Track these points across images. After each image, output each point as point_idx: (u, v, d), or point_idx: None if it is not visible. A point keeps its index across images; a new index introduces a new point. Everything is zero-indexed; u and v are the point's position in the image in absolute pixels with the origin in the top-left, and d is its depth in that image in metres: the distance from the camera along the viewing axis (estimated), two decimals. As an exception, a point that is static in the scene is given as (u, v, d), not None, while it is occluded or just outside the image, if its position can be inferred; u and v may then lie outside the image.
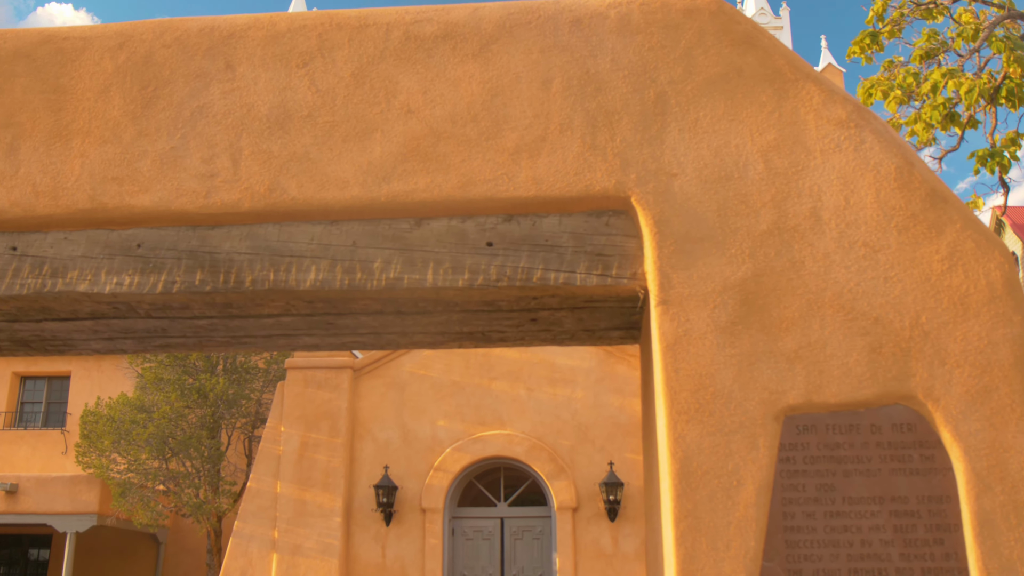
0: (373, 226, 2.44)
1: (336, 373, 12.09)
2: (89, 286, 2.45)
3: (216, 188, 2.49)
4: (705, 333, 2.28)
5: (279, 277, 2.43)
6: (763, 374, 2.24)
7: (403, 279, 2.39)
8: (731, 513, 2.15)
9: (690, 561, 2.12)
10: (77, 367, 17.38)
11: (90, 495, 14.11)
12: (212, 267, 2.45)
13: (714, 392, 2.23)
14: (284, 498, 11.85)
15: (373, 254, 2.42)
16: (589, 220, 2.42)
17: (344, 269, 2.41)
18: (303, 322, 2.66)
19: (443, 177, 2.44)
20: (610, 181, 2.41)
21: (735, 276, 2.31)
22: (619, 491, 11.27)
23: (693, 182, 2.40)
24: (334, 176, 2.46)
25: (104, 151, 2.54)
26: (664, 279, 2.32)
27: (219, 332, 2.75)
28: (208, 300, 2.47)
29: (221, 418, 13.73)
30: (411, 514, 11.86)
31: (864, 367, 2.23)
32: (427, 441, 12.01)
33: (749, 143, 2.42)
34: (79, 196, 2.51)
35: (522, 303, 2.48)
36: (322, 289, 2.40)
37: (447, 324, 2.66)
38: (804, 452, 2.19)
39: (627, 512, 11.45)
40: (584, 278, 2.38)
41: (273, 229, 2.47)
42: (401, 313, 2.57)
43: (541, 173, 2.43)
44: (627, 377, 11.88)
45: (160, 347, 2.92)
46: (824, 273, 2.30)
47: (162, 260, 2.47)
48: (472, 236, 2.42)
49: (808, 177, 2.39)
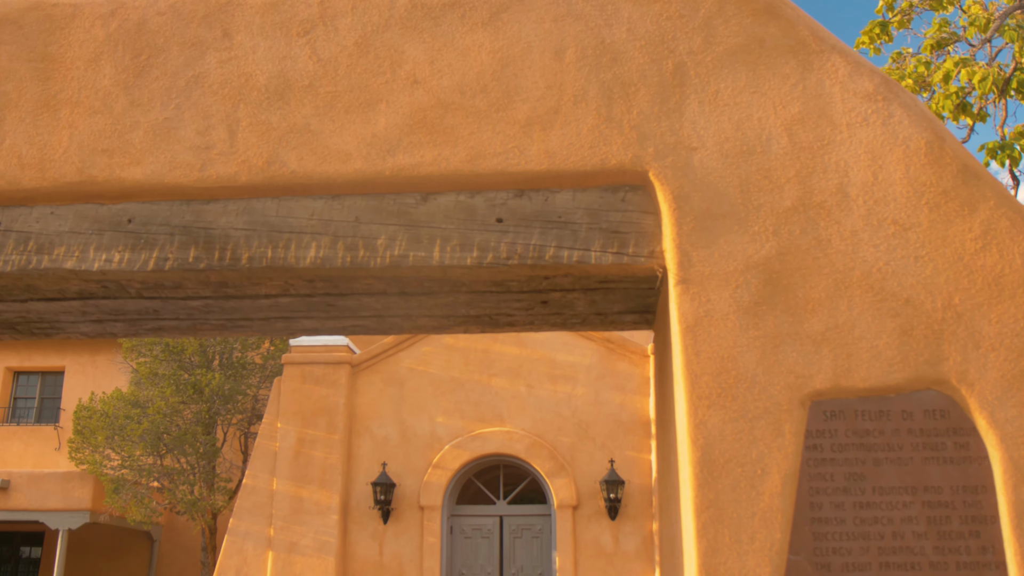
0: (377, 201, 2.32)
1: (334, 368, 11.96)
2: (76, 263, 2.33)
3: (212, 161, 2.37)
4: (727, 314, 2.16)
5: (277, 254, 2.30)
6: (788, 357, 2.12)
7: (408, 256, 2.27)
8: (755, 503, 2.03)
9: (712, 554, 2.00)
10: (71, 362, 17.23)
11: (83, 492, 13.96)
12: (207, 243, 2.33)
13: (737, 376, 2.12)
14: (280, 495, 11.72)
15: (377, 230, 2.30)
16: (604, 196, 2.30)
17: (346, 246, 2.29)
18: (302, 303, 2.53)
19: (451, 150, 2.32)
20: (626, 155, 2.29)
21: (758, 254, 2.20)
22: (620, 489, 11.16)
23: (714, 156, 2.28)
24: (336, 149, 2.34)
25: (94, 122, 2.42)
26: (684, 257, 2.21)
27: (214, 314, 2.62)
28: (202, 278, 2.35)
29: (217, 414, 13.59)
30: (409, 512, 11.74)
31: (894, 350, 2.11)
32: (426, 438, 11.88)
33: (772, 116, 2.31)
34: (67, 169, 2.39)
35: (533, 283, 2.36)
36: (323, 267, 2.28)
37: (453, 306, 2.54)
38: (832, 439, 2.08)
39: (628, 510, 11.34)
40: (599, 256, 2.26)
41: (271, 204, 2.35)
42: (405, 294, 2.45)
43: (554, 146, 2.31)
44: (628, 374, 11.77)
45: (152, 330, 2.80)
46: (852, 252, 2.19)
47: (154, 236, 2.34)
48: (481, 212, 2.30)
49: (834, 152, 2.27)
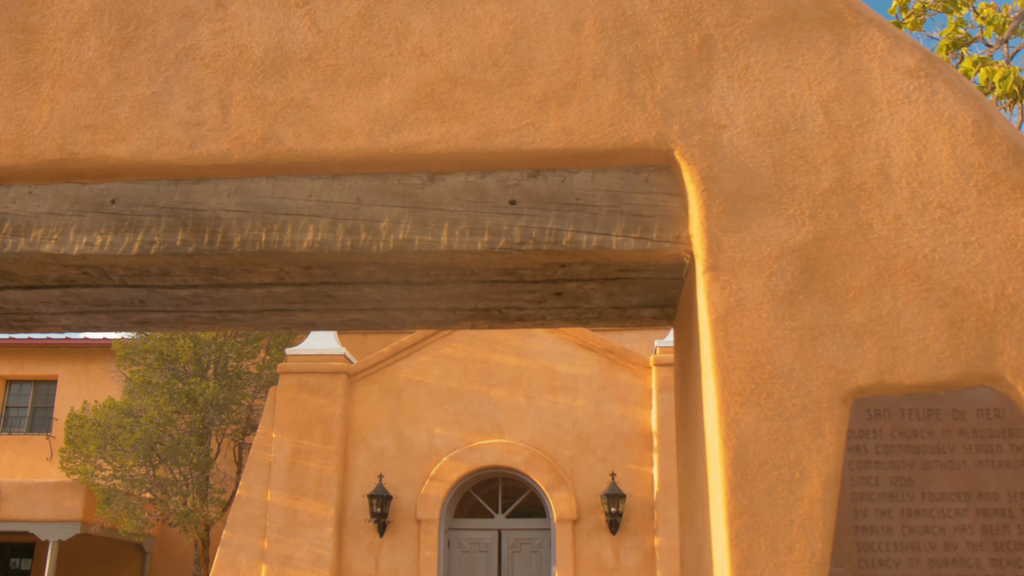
0: (380, 181, 2.15)
1: (330, 378, 11.76)
2: (55, 246, 2.15)
3: (202, 137, 2.19)
4: (761, 303, 1.99)
5: (272, 237, 2.13)
6: (828, 350, 1.95)
7: (414, 241, 2.10)
8: (794, 510, 1.85)
9: (747, 566, 1.82)
10: (64, 371, 16.99)
11: (74, 502, 13.69)
12: (196, 226, 2.15)
13: (772, 371, 1.94)
14: (275, 507, 11.49)
15: (380, 212, 2.13)
16: (626, 176, 2.14)
17: (346, 229, 2.12)
18: (298, 293, 2.36)
19: (460, 127, 2.15)
20: (650, 133, 2.13)
21: (794, 239, 2.03)
22: (621, 503, 10.94)
23: (744, 135, 2.11)
24: (336, 125, 2.18)
25: (77, 96, 2.25)
26: (713, 242, 2.04)
27: (203, 305, 2.45)
28: (191, 264, 2.17)
29: (211, 424, 13.35)
30: (406, 525, 11.51)
31: (943, 344, 1.94)
32: (423, 449, 11.67)
33: (807, 92, 2.14)
34: (47, 145, 2.22)
35: (548, 271, 2.19)
36: (321, 251, 2.11)
37: (461, 297, 2.37)
38: (876, 440, 1.90)
39: (629, 525, 11.12)
40: (620, 241, 2.09)
41: (266, 184, 2.18)
42: (409, 283, 2.28)
43: (572, 123, 2.14)
44: (630, 385, 11.58)
45: (137, 323, 2.61)
46: (895, 237, 2.02)
47: (139, 218, 2.17)
48: (493, 193, 2.13)
49: (874, 131, 2.10)
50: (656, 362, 11.50)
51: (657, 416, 11.33)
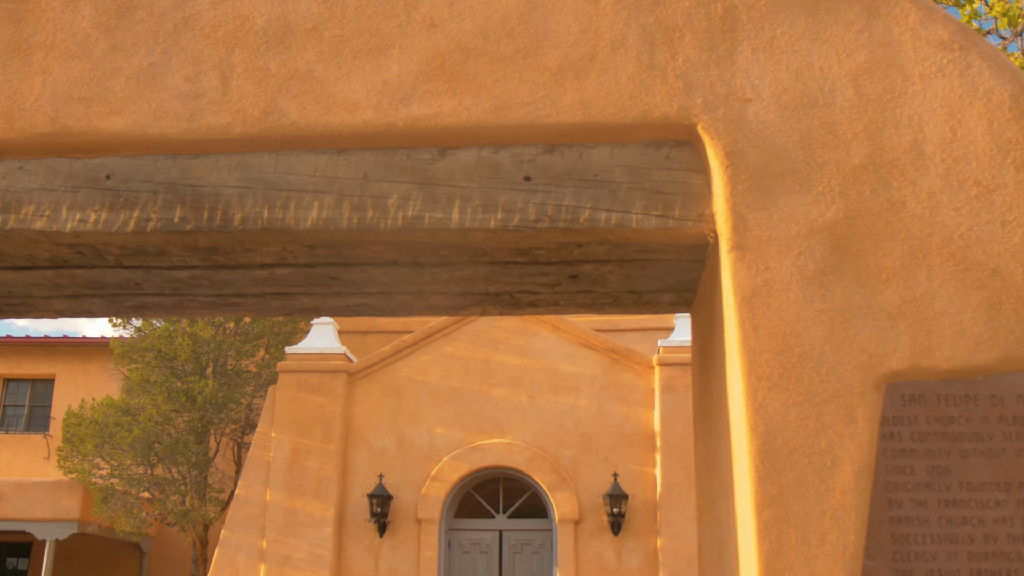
0: (388, 156, 2.06)
1: (330, 377, 11.65)
2: (47, 223, 2.06)
3: (202, 110, 2.10)
4: (789, 284, 1.89)
5: (275, 215, 2.03)
6: (860, 333, 1.85)
7: (423, 218, 2.00)
8: (825, 500, 1.75)
9: (776, 558, 1.72)
10: (62, 369, 16.87)
11: (71, 501, 13.56)
12: (195, 202, 2.05)
13: (801, 354, 1.84)
14: (274, 506, 11.38)
15: (388, 188, 2.03)
16: (646, 152, 2.04)
17: (353, 206, 2.02)
18: (301, 276, 2.26)
19: (472, 100, 2.06)
20: (671, 106, 2.03)
21: (823, 217, 1.93)
22: (623, 504, 10.84)
23: (771, 109, 2.02)
24: (342, 98, 2.08)
25: (70, 68, 2.15)
26: (738, 220, 1.94)
27: (202, 288, 2.35)
28: (189, 242, 2.07)
29: (210, 423, 13.23)
30: (406, 525, 11.40)
31: (981, 326, 1.84)
32: (424, 449, 11.57)
33: (835, 65, 2.05)
34: (39, 119, 2.12)
35: (563, 252, 2.09)
36: (326, 229, 2.01)
37: (471, 280, 2.27)
38: (911, 427, 1.80)
39: (632, 526, 11.01)
40: (641, 219, 1.99)
41: (268, 159, 2.08)
42: (418, 265, 2.18)
43: (589, 96, 2.04)
44: (633, 385, 11.48)
45: (134, 308, 2.51)
46: (929, 216, 1.92)
47: (135, 194, 2.07)
48: (507, 169, 2.03)
49: (906, 105, 2.01)
50: (659, 362, 11.40)
51: (660, 416, 11.23)
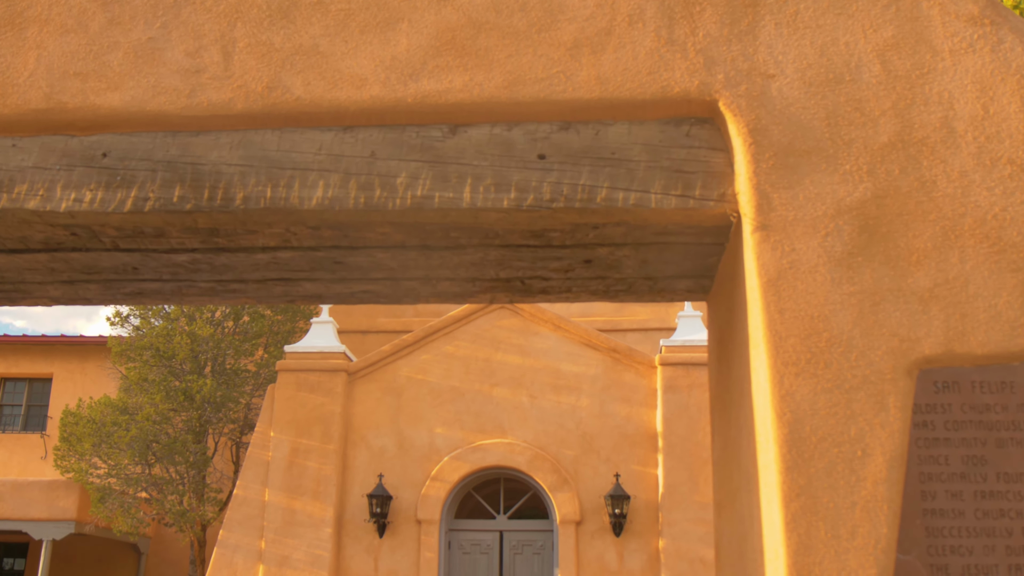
0: (397, 133, 1.98)
1: (330, 376, 11.57)
2: (41, 203, 1.97)
3: (203, 86, 2.02)
4: (816, 266, 1.81)
5: (278, 194, 1.95)
6: (891, 317, 1.77)
7: (433, 197, 1.92)
8: (856, 491, 1.67)
9: (805, 552, 1.64)
10: (59, 368, 16.76)
11: (68, 501, 13.46)
12: (195, 181, 1.97)
13: (829, 339, 1.76)
14: (272, 507, 11.29)
15: (396, 167, 1.95)
16: (665, 129, 1.96)
17: (359, 185, 1.94)
18: (305, 260, 2.18)
19: (484, 75, 1.98)
20: (692, 82, 1.95)
21: (851, 197, 1.85)
22: (625, 504, 10.75)
23: (795, 85, 1.94)
24: (349, 73, 2.00)
25: (66, 42, 2.07)
26: (762, 200, 1.86)
27: (202, 273, 2.26)
28: (189, 223, 1.99)
29: (208, 422, 13.13)
30: (406, 525, 11.31)
31: (1017, 310, 1.76)
32: (424, 449, 11.48)
33: (862, 40, 1.97)
34: (33, 94, 2.04)
35: (578, 234, 2.01)
36: (331, 209, 1.93)
37: (481, 265, 2.19)
38: (945, 415, 1.72)
39: (633, 527, 10.92)
40: (660, 199, 1.91)
41: (272, 136, 2.00)
42: (427, 248, 2.10)
43: (606, 72, 1.96)
44: (635, 385, 11.39)
45: (131, 295, 2.43)
46: (961, 196, 1.84)
47: (133, 172, 1.99)
48: (520, 147, 1.95)
49: (936, 82, 1.93)
50: (661, 361, 11.32)
51: (662, 417, 11.15)
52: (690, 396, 10.98)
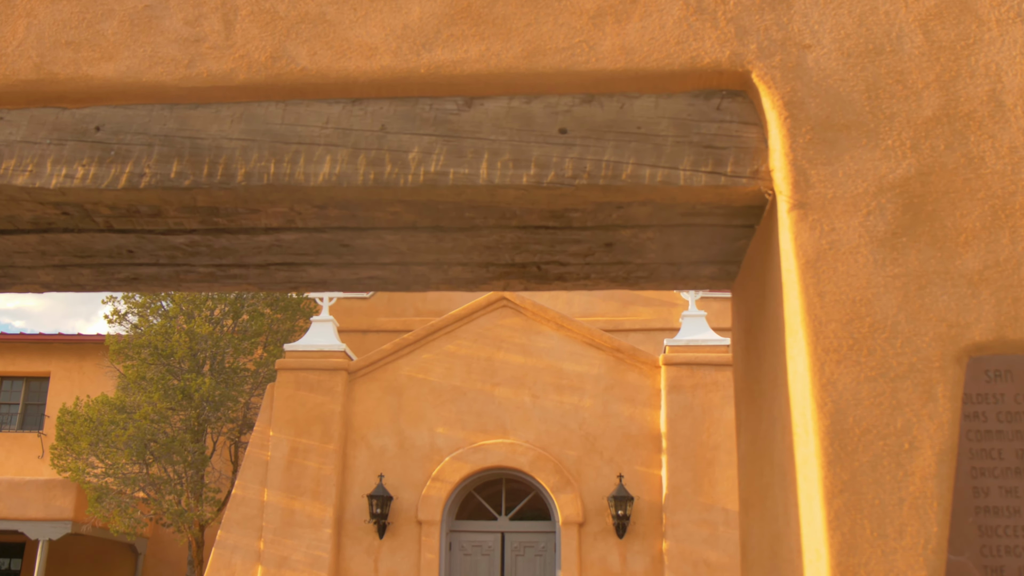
0: (409, 106, 1.86)
1: (330, 375, 11.44)
2: (30, 178, 1.86)
3: (202, 56, 1.90)
4: (857, 246, 1.69)
5: (282, 170, 1.83)
6: (938, 301, 1.65)
7: (448, 174, 1.80)
8: (903, 487, 1.55)
9: (849, 552, 1.52)
10: (57, 367, 16.63)
11: (65, 500, 13.32)
12: (193, 156, 1.85)
13: (873, 324, 1.64)
14: (271, 507, 11.16)
15: (408, 141, 1.83)
16: (695, 103, 1.84)
17: (369, 160, 1.82)
18: (310, 242, 2.06)
19: (502, 45, 1.86)
20: (723, 53, 1.83)
21: (894, 174, 1.73)
22: (629, 506, 10.63)
23: (833, 56, 1.82)
24: (358, 42, 1.88)
25: (57, 9, 1.96)
26: (800, 176, 1.74)
27: (201, 257, 2.15)
28: (187, 201, 1.87)
29: (207, 421, 12.99)
30: (406, 526, 11.18)
31: (1074, 295, 1.65)
32: (425, 449, 11.35)
33: (903, 9, 1.85)
34: (22, 64, 1.92)
35: (601, 215, 1.90)
36: (339, 186, 1.81)
37: (496, 249, 2.07)
38: (998, 406, 1.61)
39: (637, 528, 10.80)
40: (689, 176, 1.79)
41: (276, 109, 1.88)
42: (439, 229, 1.98)
43: (632, 41, 1.85)
44: (638, 385, 11.27)
45: (126, 281, 2.31)
46: (1012, 172, 1.73)
47: (127, 147, 1.87)
48: (540, 120, 1.83)
49: (982, 52, 1.81)
50: (665, 361, 11.20)
51: (666, 417, 11.03)
52: (694, 396, 10.87)
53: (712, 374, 10.78)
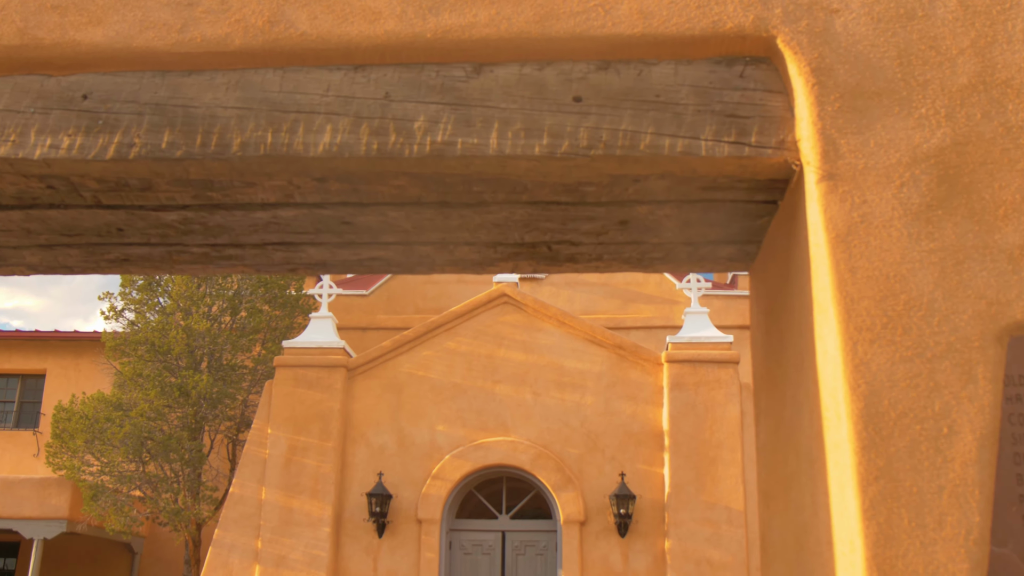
0: (414, 73, 1.76)
1: (329, 372, 11.34)
2: (12, 149, 1.76)
3: (196, 20, 1.80)
4: (891, 220, 1.59)
5: (280, 140, 1.73)
6: (976, 277, 1.56)
7: (456, 144, 1.70)
8: (942, 474, 1.46)
9: (887, 543, 1.42)
10: (53, 364, 16.51)
11: (60, 499, 13.20)
12: (186, 126, 1.76)
13: (908, 301, 1.55)
14: (269, 505, 11.06)
15: (413, 110, 1.74)
16: (716, 70, 1.74)
17: (372, 130, 1.73)
18: (309, 219, 1.96)
19: (513, 8, 1.76)
20: (746, 17, 1.74)
21: (928, 144, 1.64)
22: (631, 504, 10.53)
23: (862, 20, 1.72)
24: (361, 5, 1.78)
25: (43, -27, 1.85)
26: (829, 146, 1.65)
27: (195, 236, 2.05)
28: (179, 173, 1.77)
29: (204, 419, 12.88)
30: (406, 525, 11.08)
31: (1121, 271, 1.55)
32: (425, 447, 11.25)
33: (935, -28, 1.75)
34: (5, 29, 1.82)
35: (617, 189, 1.80)
36: (340, 156, 1.71)
37: (505, 227, 1.97)
38: (1041, 389, 1.51)
39: (639, 527, 10.70)
40: (712, 147, 1.69)
41: (273, 76, 1.78)
42: (445, 205, 1.88)
43: (650, 5, 1.75)
44: (640, 383, 11.18)
45: (116, 262, 2.21)
46: (1053, 143, 1.63)
47: (116, 116, 1.77)
48: (553, 88, 1.73)
49: (1020, 17, 1.72)
50: (668, 359, 11.11)
51: (669, 415, 10.93)
52: (697, 394, 10.77)
53: (715, 371, 10.68)
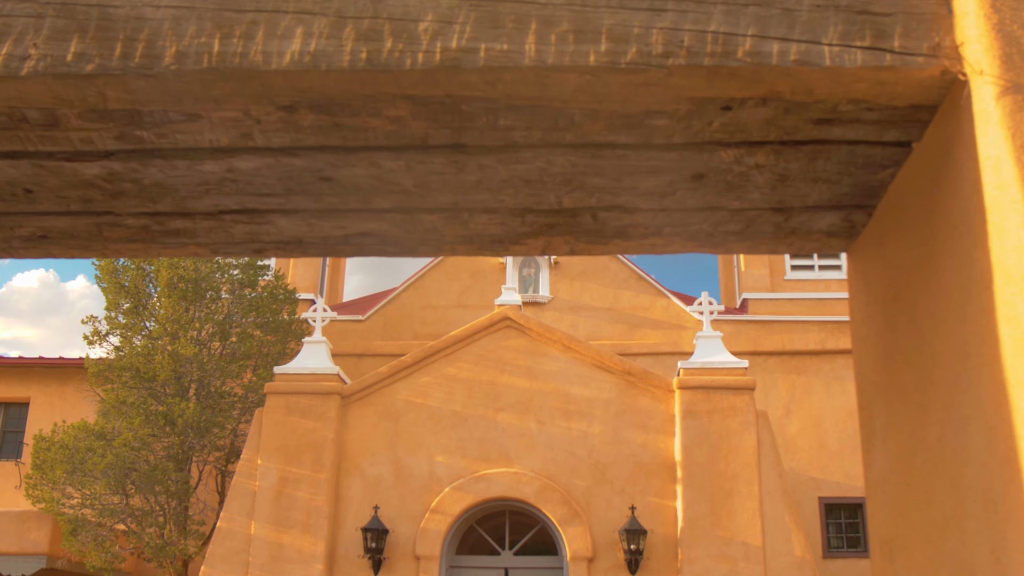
0: (419, -44, 1.28)
1: (322, 399, 10.79)
2: None
3: None
4: (1110, 147, 1.10)
5: (230, 48, 1.25)
6: None
7: (477, 51, 1.22)
8: None
9: None
10: (37, 392, 15.92)
11: (40, 533, 12.56)
12: (101, 31, 1.27)
13: None
14: (259, 540, 10.45)
15: (417, 6, 1.25)
16: (839, -48, 1.26)
17: (360, 33, 1.24)
18: (275, 172, 1.47)
19: None
20: None
21: None
22: (642, 539, 9.94)
23: None
24: None
25: None
26: (1011, 47, 1.16)
27: (127, 199, 1.55)
28: (93, 99, 1.28)
29: (191, 449, 12.29)
30: (403, 562, 10.47)
31: None
32: (423, 479, 10.68)
33: None
34: None
35: (696, 124, 1.31)
36: (314, 69, 1.22)
37: (539, 184, 1.48)
38: None
39: (650, 564, 10.10)
40: (838, 54, 1.21)
41: (224, -37, 1.29)
42: (461, 149, 1.39)
43: None
44: (651, 410, 10.63)
45: (32, 241, 1.71)
46: None
47: (6, 19, 1.29)
48: (613, -25, 1.25)
49: None
50: (680, 385, 10.57)
51: (681, 444, 10.38)
52: (711, 422, 10.22)
53: (729, 398, 10.15)
